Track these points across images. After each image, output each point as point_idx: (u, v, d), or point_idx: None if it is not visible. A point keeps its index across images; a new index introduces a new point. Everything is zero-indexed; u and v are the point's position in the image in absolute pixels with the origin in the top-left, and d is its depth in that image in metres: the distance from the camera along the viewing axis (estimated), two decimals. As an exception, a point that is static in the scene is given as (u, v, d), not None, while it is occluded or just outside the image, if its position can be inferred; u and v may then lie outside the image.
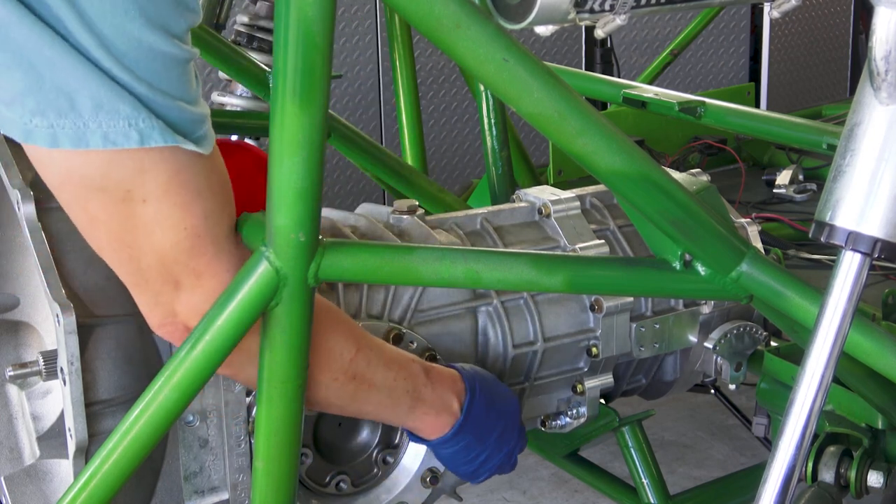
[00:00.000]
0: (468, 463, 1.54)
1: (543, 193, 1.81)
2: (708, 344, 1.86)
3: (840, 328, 1.16)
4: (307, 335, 1.27)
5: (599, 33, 1.35)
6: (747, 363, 1.89)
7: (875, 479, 1.78)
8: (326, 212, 1.61)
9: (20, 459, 1.59)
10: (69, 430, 1.35)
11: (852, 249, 1.15)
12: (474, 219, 1.76)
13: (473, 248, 1.58)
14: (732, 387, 1.89)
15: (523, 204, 1.80)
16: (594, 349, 1.74)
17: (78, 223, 1.22)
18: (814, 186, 2.96)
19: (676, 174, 1.48)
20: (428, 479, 1.61)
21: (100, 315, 1.38)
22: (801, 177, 2.98)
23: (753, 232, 1.86)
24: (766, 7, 1.51)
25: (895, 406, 1.72)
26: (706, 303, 1.84)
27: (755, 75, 4.95)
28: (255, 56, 2.31)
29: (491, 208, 1.79)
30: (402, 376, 1.44)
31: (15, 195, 1.39)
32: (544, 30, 1.31)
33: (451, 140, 4.41)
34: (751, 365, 1.90)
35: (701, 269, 1.36)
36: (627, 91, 2.25)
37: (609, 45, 4.21)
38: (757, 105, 4.34)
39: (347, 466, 1.60)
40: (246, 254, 1.26)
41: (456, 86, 4.33)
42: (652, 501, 2.07)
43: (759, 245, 1.84)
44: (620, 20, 1.32)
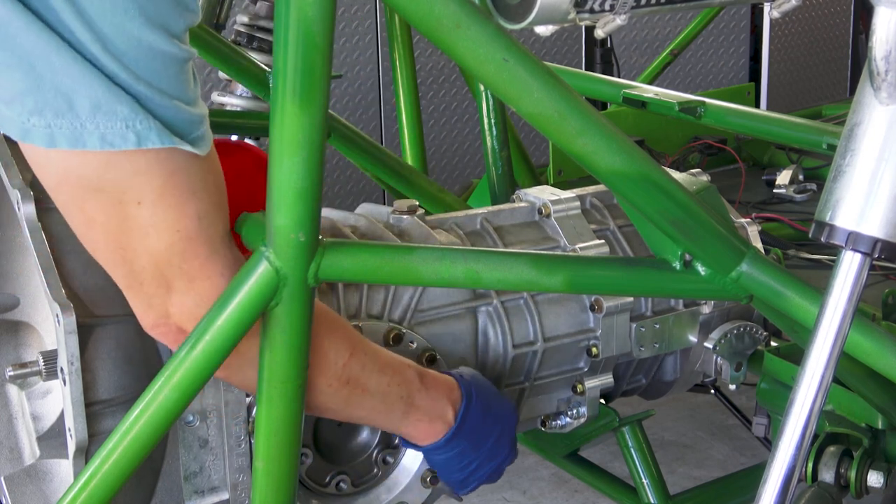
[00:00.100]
0: (460, 470, 1.54)
1: (543, 193, 1.81)
2: (708, 344, 1.86)
3: (840, 328, 1.16)
4: (307, 335, 1.27)
5: (599, 33, 1.35)
6: (747, 363, 1.89)
7: (875, 479, 1.78)
8: (326, 212, 1.61)
9: (20, 459, 1.59)
10: (69, 430, 1.35)
11: (852, 249, 1.15)
12: (474, 219, 1.76)
13: (473, 248, 1.58)
14: (732, 387, 1.89)
15: (523, 204, 1.80)
16: (594, 349, 1.74)
17: (73, 224, 1.22)
18: (814, 186, 2.96)
19: (676, 174, 1.48)
20: (428, 479, 1.61)
21: (100, 315, 1.38)
22: (801, 177, 2.98)
23: (753, 232, 1.85)
24: (766, 7, 1.51)
25: (895, 406, 1.72)
26: (706, 303, 1.84)
27: (755, 75, 4.95)
28: (255, 56, 2.31)
29: (491, 208, 1.79)
30: (397, 382, 1.43)
31: (15, 195, 1.39)
32: (544, 30, 1.31)
33: (451, 140, 4.41)
34: (751, 365, 1.90)
35: (701, 269, 1.36)
36: (627, 91, 2.25)
37: (609, 45, 4.21)
38: (757, 105, 4.34)
39: (347, 466, 1.60)
40: (240, 256, 1.26)
41: (456, 86, 4.33)
42: (652, 501, 2.06)
43: (759, 245, 1.84)
44: (620, 20, 1.32)
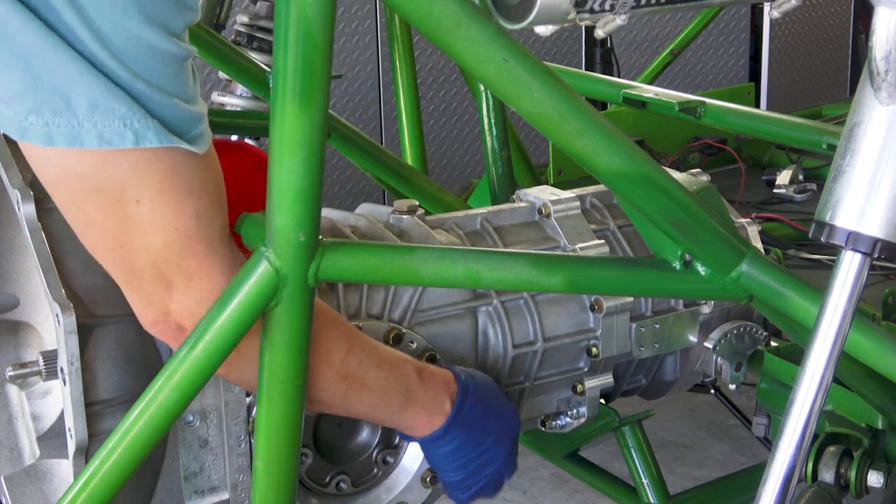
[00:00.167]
0: (459, 469, 1.53)
1: (543, 193, 1.81)
2: (708, 344, 1.85)
3: (840, 328, 1.16)
4: (307, 335, 1.27)
5: (599, 33, 1.35)
6: (747, 363, 1.89)
7: (875, 479, 1.78)
8: (326, 212, 1.61)
9: (20, 459, 1.59)
10: (69, 430, 1.35)
11: (852, 249, 1.15)
12: (474, 219, 1.76)
13: (473, 248, 1.58)
14: (732, 387, 1.89)
15: (523, 204, 1.80)
16: (594, 349, 1.74)
17: (72, 222, 1.22)
18: (814, 186, 2.96)
19: (676, 174, 1.48)
20: (428, 479, 1.61)
21: (100, 315, 1.38)
22: (801, 177, 2.98)
23: (753, 232, 1.85)
24: (766, 7, 1.51)
25: (895, 406, 1.72)
26: (706, 303, 1.83)
27: (755, 75, 4.95)
28: (255, 56, 2.31)
29: (491, 208, 1.79)
30: (395, 376, 1.44)
31: (15, 195, 1.39)
32: (544, 30, 1.31)
33: (451, 140, 4.41)
34: (751, 365, 1.90)
35: (701, 269, 1.36)
36: (627, 91, 2.25)
37: (609, 45, 4.21)
38: (757, 105, 4.34)
39: (347, 466, 1.60)
40: (239, 255, 1.26)
41: (456, 86, 4.33)
42: (652, 501, 2.06)
43: (759, 245, 1.84)
44: (620, 20, 1.32)
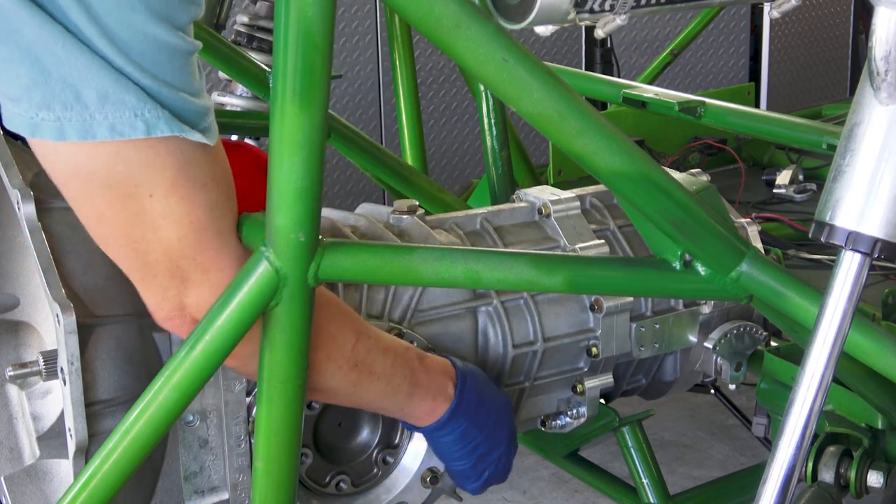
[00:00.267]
0: (467, 455, 1.54)
1: (543, 193, 1.81)
2: (708, 344, 1.85)
3: (840, 328, 1.16)
4: (307, 335, 1.27)
5: (599, 33, 1.35)
6: (747, 363, 1.89)
7: (875, 479, 1.78)
8: (326, 212, 1.61)
9: (20, 459, 1.58)
10: (69, 430, 1.35)
11: (852, 249, 1.15)
12: (474, 219, 1.76)
13: (473, 248, 1.58)
14: (732, 387, 1.89)
15: (523, 204, 1.80)
16: (594, 349, 1.74)
17: (84, 219, 1.22)
18: (814, 186, 2.97)
19: (676, 174, 1.48)
20: (428, 479, 1.61)
21: (100, 315, 1.38)
22: (801, 177, 2.99)
23: (753, 232, 1.85)
24: (766, 7, 1.51)
25: (895, 406, 1.72)
26: (706, 303, 1.83)
27: (755, 75, 4.95)
28: (255, 56, 2.31)
29: (491, 208, 1.79)
30: (399, 363, 1.45)
31: (15, 195, 1.39)
32: (544, 30, 1.32)
33: (451, 140, 4.41)
34: (751, 365, 1.90)
35: (701, 269, 1.36)
36: (627, 91, 2.25)
37: (609, 45, 4.21)
38: (757, 105, 4.34)
39: (347, 466, 1.60)
40: (247, 249, 1.27)
41: (456, 86, 4.33)
42: (652, 501, 2.06)
43: (759, 245, 1.84)
44: (620, 20, 1.33)
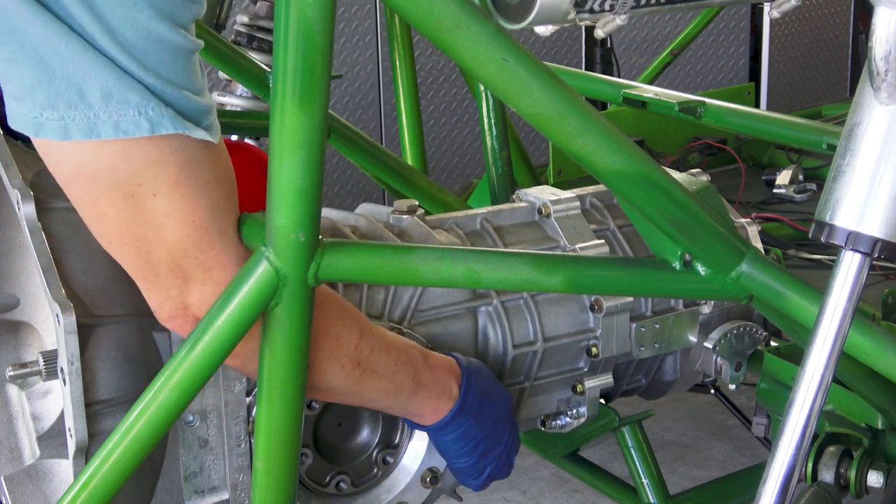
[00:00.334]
0: (469, 453, 1.54)
1: (543, 193, 1.81)
2: (708, 344, 1.85)
3: (840, 328, 1.16)
4: (307, 335, 1.27)
5: (599, 33, 1.35)
6: (747, 363, 1.89)
7: (875, 479, 1.78)
8: (326, 212, 1.61)
9: (20, 459, 1.58)
10: (69, 430, 1.35)
11: (852, 249, 1.15)
12: (474, 219, 1.76)
13: (473, 248, 1.58)
14: (732, 387, 1.89)
15: (523, 204, 1.80)
16: (594, 349, 1.74)
17: (87, 218, 1.22)
18: (814, 186, 2.97)
19: (676, 174, 1.48)
20: (428, 479, 1.61)
21: (100, 315, 1.38)
22: (801, 177, 2.98)
23: (753, 232, 1.85)
24: (766, 7, 1.51)
25: (895, 406, 1.72)
26: (706, 303, 1.83)
27: (755, 75, 4.95)
28: (255, 56, 2.31)
29: (491, 208, 1.79)
30: (403, 361, 1.45)
31: (15, 195, 1.39)
32: (544, 30, 1.32)
33: (451, 140, 4.41)
34: (751, 365, 1.90)
35: (701, 269, 1.36)
36: (627, 91, 2.25)
37: (609, 45, 4.21)
38: (757, 105, 4.34)
39: (347, 466, 1.60)
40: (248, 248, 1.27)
41: (456, 86, 4.33)
42: (652, 501, 2.06)
43: (759, 245, 1.84)
44: (620, 20, 1.33)
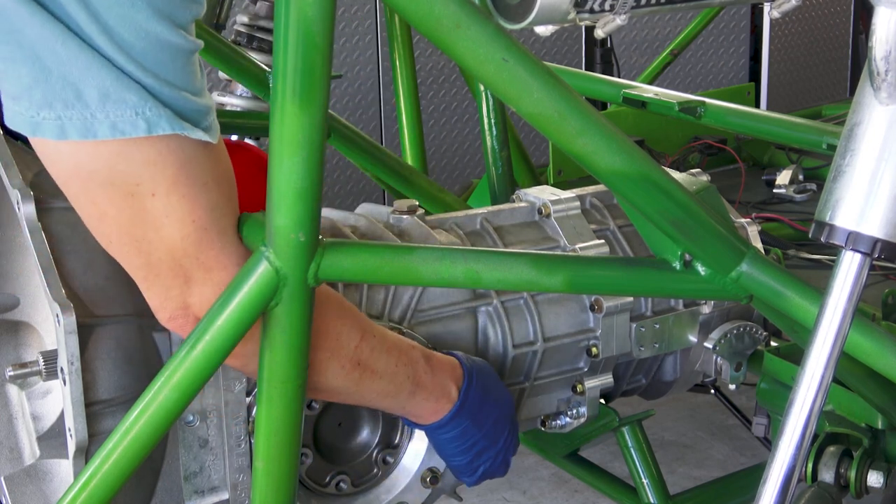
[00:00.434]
0: (464, 452, 1.54)
1: (543, 193, 1.81)
2: (708, 344, 1.86)
3: (840, 328, 1.16)
4: (307, 335, 1.27)
5: (599, 33, 1.35)
6: (747, 363, 1.89)
7: (875, 479, 1.78)
8: (326, 212, 1.61)
9: (20, 459, 1.58)
10: (69, 430, 1.35)
11: (852, 249, 1.15)
12: (474, 219, 1.76)
13: (473, 248, 1.58)
14: (732, 387, 1.89)
15: (523, 204, 1.80)
16: (594, 349, 1.74)
17: (86, 218, 1.21)
18: (814, 186, 2.97)
19: (676, 174, 1.48)
20: (428, 479, 1.61)
21: (100, 315, 1.38)
22: (801, 177, 2.98)
23: (753, 232, 1.85)
24: (766, 7, 1.51)
25: (895, 406, 1.72)
26: (706, 303, 1.83)
27: (755, 75, 4.95)
28: (255, 56, 2.31)
29: (491, 208, 1.79)
30: (403, 362, 1.45)
31: (15, 195, 1.39)
32: (544, 30, 1.32)
33: (451, 140, 4.41)
34: (751, 365, 1.90)
35: (701, 269, 1.36)
36: (627, 91, 2.25)
37: (609, 45, 4.21)
38: (757, 105, 4.34)
39: (347, 466, 1.60)
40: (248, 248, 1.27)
41: (456, 86, 4.33)
42: (652, 501, 2.06)
43: (759, 245, 1.84)
44: (620, 20, 1.33)
